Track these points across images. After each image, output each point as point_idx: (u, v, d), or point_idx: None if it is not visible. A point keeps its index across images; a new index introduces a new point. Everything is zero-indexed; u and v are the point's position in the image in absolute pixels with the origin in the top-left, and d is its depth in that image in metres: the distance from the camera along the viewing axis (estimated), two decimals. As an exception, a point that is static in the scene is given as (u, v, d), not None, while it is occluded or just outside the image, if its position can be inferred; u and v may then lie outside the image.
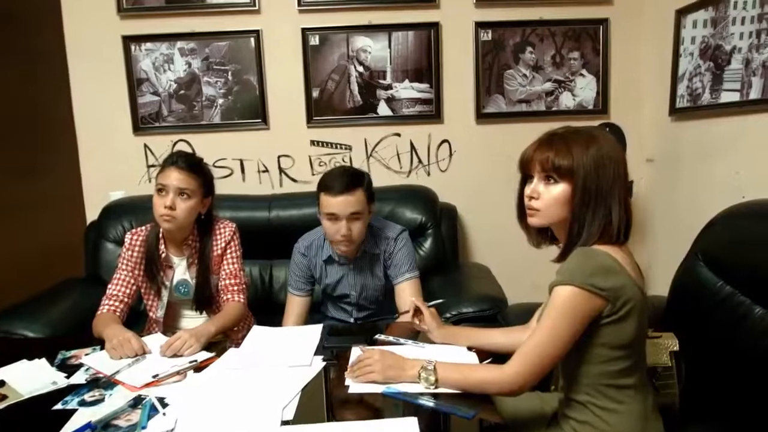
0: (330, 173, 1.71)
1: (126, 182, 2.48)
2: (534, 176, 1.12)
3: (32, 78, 2.60)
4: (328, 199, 1.62)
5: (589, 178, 1.05)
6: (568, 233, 1.10)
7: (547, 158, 1.08)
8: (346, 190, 1.61)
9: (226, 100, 2.45)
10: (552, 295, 1.05)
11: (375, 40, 2.43)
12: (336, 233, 1.64)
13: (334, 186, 1.62)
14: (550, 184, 1.09)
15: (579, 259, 1.04)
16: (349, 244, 1.67)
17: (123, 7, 2.37)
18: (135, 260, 1.62)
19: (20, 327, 1.81)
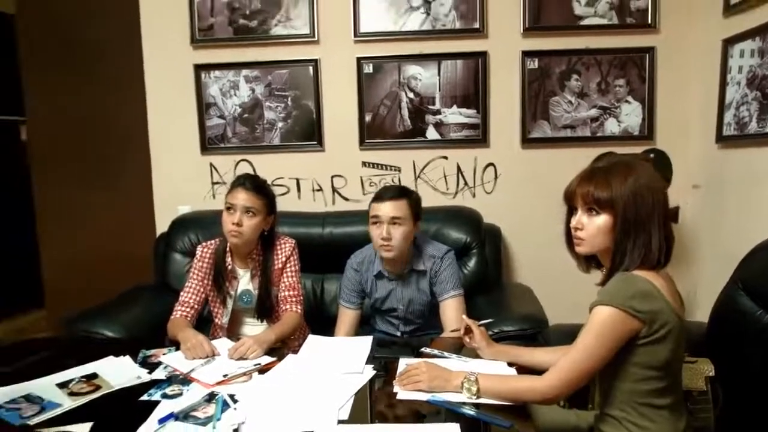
0: (383, 187, 1.92)
1: (192, 198, 2.69)
2: (578, 208, 1.21)
3: (113, 100, 2.88)
4: (374, 205, 1.82)
5: (628, 208, 1.14)
6: (611, 260, 1.18)
7: (587, 192, 1.17)
8: (391, 198, 1.79)
9: (286, 123, 2.63)
10: (591, 314, 1.14)
11: (425, 68, 2.56)
12: (378, 237, 1.79)
13: (382, 195, 1.82)
14: (593, 216, 1.18)
15: (619, 283, 1.13)
16: (389, 249, 1.79)
17: (196, 38, 2.60)
18: (205, 271, 1.80)
19: (101, 327, 2.01)
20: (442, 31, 2.53)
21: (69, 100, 2.97)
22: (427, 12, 2.52)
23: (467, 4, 2.51)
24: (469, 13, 2.51)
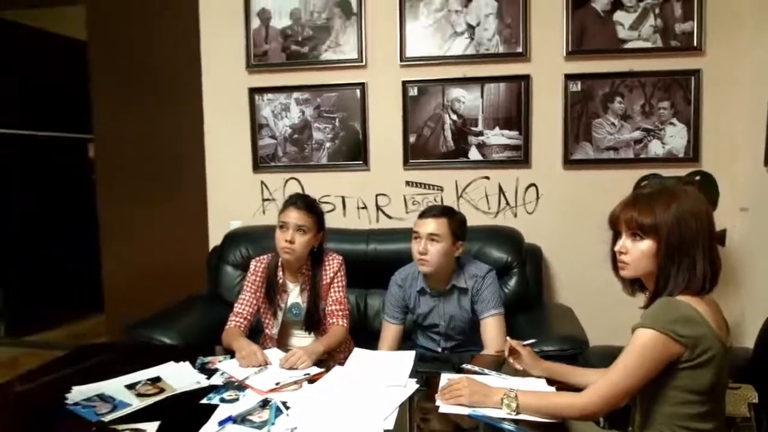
0: (430, 206, 2.01)
1: (244, 213, 2.84)
2: (622, 233, 1.25)
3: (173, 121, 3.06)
4: (417, 221, 1.91)
5: (671, 234, 1.17)
6: (655, 284, 1.21)
7: (631, 217, 1.22)
8: (432, 216, 1.87)
9: (333, 143, 2.75)
10: (633, 336, 1.17)
11: (469, 91, 2.64)
12: (416, 251, 1.87)
13: (426, 212, 1.91)
14: (637, 240, 1.22)
15: (662, 307, 1.15)
16: (424, 263, 1.86)
17: (251, 63, 2.76)
18: (257, 284, 1.91)
19: (159, 334, 2.15)
20: (485, 55, 2.61)
21: (132, 119, 3.18)
22: (471, 37, 2.61)
23: (511, 30, 2.58)
24: (513, 37, 2.58)
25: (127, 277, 3.33)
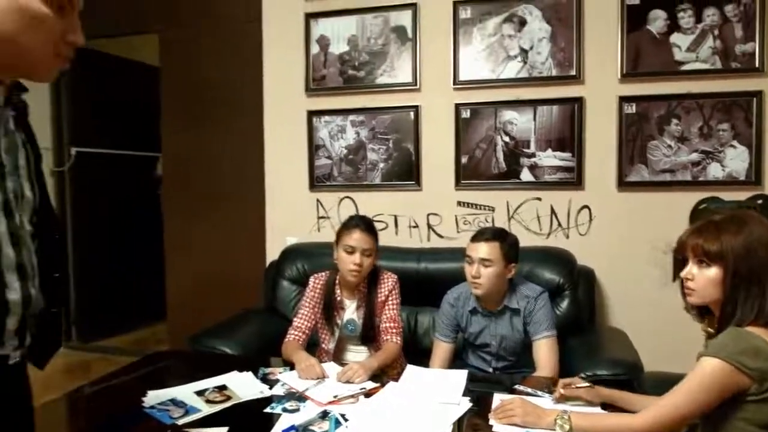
0: (482, 228, 2.04)
1: (300, 230, 2.96)
2: (689, 259, 1.26)
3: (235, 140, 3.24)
4: (470, 244, 1.94)
5: (739, 262, 1.17)
6: (721, 312, 1.21)
7: (697, 244, 1.23)
8: (486, 240, 1.89)
9: (387, 164, 2.84)
10: (698, 363, 1.17)
11: (521, 113, 2.67)
12: (469, 274, 1.91)
13: (479, 236, 1.93)
14: (703, 267, 1.23)
15: (731, 337, 1.15)
16: (477, 286, 1.90)
17: (310, 87, 2.90)
18: (316, 300, 2.01)
19: (220, 344, 2.26)
20: (538, 78, 2.64)
21: (197, 139, 3.38)
22: (524, 61, 2.65)
23: (564, 53, 2.60)
24: (566, 61, 2.61)
25: (188, 287, 3.51)
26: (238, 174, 3.27)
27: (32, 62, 0.89)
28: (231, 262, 3.34)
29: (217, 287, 3.40)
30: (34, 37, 0.86)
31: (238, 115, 3.23)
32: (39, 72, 0.91)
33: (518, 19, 2.65)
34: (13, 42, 0.84)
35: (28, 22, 0.84)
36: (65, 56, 0.91)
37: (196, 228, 3.44)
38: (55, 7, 0.86)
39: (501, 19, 2.66)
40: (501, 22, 2.66)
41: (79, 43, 0.91)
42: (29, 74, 0.91)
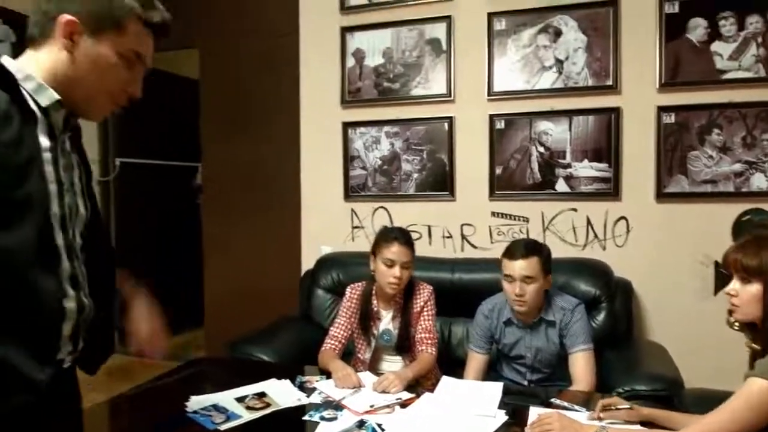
0: (514, 242, 1.99)
1: (334, 239, 3.00)
2: (733, 275, 1.25)
3: (272, 150, 3.31)
4: (507, 262, 1.91)
5: None
6: (764, 329, 1.20)
7: (737, 259, 1.22)
8: (523, 256, 1.87)
9: (420, 174, 2.86)
10: (745, 383, 1.15)
11: (556, 123, 2.66)
12: (511, 293, 1.89)
13: (514, 252, 1.90)
14: (745, 283, 1.21)
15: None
16: (522, 304, 1.89)
17: (345, 99, 2.95)
18: (352, 310, 2.04)
19: (257, 351, 2.31)
20: (574, 88, 2.62)
21: (235, 149, 3.47)
22: (559, 71, 2.64)
23: (600, 63, 2.58)
24: (602, 71, 2.58)
25: (225, 294, 3.60)
26: (275, 184, 3.35)
27: (91, 103, 1.01)
28: (267, 270, 3.41)
29: (253, 294, 3.47)
30: (101, 83, 0.98)
31: (275, 126, 3.30)
32: (94, 113, 1.03)
33: (553, 29, 2.64)
34: (82, 83, 0.96)
35: (102, 71, 0.95)
36: (118, 104, 1.02)
37: (233, 236, 3.53)
38: (125, 61, 0.96)
39: (536, 30, 2.66)
40: (536, 33, 2.66)
41: (136, 95, 1.03)
42: (85, 113, 1.01)
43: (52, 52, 0.94)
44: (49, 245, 0.91)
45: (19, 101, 0.88)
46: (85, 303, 1.00)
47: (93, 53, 0.94)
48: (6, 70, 0.89)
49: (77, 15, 0.92)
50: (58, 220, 0.93)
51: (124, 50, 0.96)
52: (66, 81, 0.94)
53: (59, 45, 0.93)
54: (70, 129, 1.00)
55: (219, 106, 3.52)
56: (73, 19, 0.92)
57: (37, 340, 0.90)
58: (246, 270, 3.51)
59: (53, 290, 0.92)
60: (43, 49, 0.94)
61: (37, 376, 0.89)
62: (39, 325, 0.90)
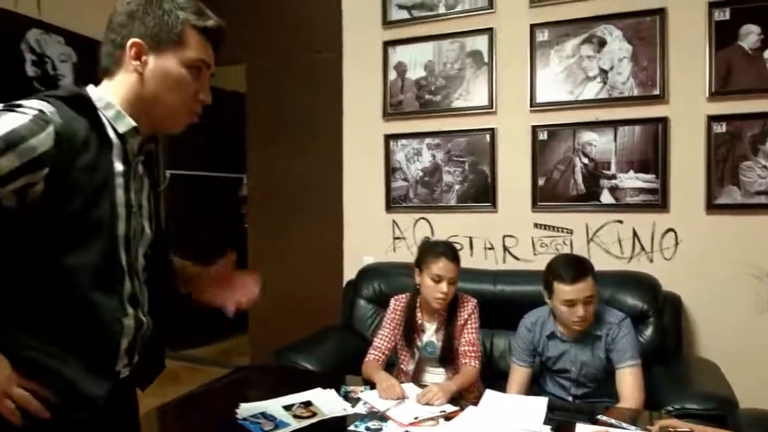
0: (560, 264, 1.92)
1: (376, 250, 3.04)
2: None
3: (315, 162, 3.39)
4: (564, 287, 1.84)
5: None
6: None
7: None
8: (581, 278, 1.83)
9: (462, 186, 2.87)
10: None
11: (601, 134, 2.62)
12: (573, 315, 1.84)
13: (570, 275, 1.84)
14: None
15: None
16: (584, 324, 1.86)
17: (387, 112, 3.00)
18: (396, 321, 2.06)
19: (302, 359, 2.37)
20: (619, 98, 2.59)
21: (280, 160, 3.56)
22: (604, 81, 2.61)
23: (647, 72, 2.54)
24: (649, 80, 2.54)
25: (269, 302, 3.65)
26: (318, 194, 3.41)
27: (169, 117, 1.05)
28: (310, 279, 3.48)
29: (296, 303, 3.54)
30: (173, 96, 1.02)
31: (319, 139, 3.38)
32: (172, 125, 1.08)
33: (597, 39, 2.62)
34: (156, 100, 1.01)
35: (171, 85, 1.00)
36: (195, 112, 1.06)
37: (277, 245, 3.61)
38: (192, 71, 1.01)
39: (579, 40, 2.64)
40: (579, 44, 2.64)
41: (207, 101, 1.08)
42: (165, 127, 1.07)
43: (125, 78, 1.00)
44: (112, 265, 0.96)
45: (98, 128, 0.94)
46: (143, 321, 1.05)
47: (161, 70, 1.00)
48: (87, 97, 0.96)
49: (141, 37, 0.98)
50: (123, 241, 0.98)
51: (188, 61, 1.01)
52: (142, 102, 1.00)
53: (130, 69, 0.99)
54: (144, 153, 1.06)
55: (264, 119, 3.62)
56: (138, 41, 0.98)
57: (96, 355, 0.95)
58: (289, 278, 3.59)
59: (114, 308, 0.96)
60: (117, 77, 1.01)
61: (95, 392, 0.93)
62: (98, 342, 0.95)
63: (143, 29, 0.98)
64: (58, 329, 0.90)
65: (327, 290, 3.27)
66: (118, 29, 0.99)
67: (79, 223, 0.89)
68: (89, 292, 0.91)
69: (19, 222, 0.85)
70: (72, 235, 0.89)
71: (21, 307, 0.87)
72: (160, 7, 0.99)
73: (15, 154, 0.79)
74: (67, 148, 0.86)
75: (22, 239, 0.86)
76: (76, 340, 0.92)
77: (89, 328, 0.93)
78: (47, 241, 0.87)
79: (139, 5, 0.99)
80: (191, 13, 1.01)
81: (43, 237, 0.87)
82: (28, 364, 0.86)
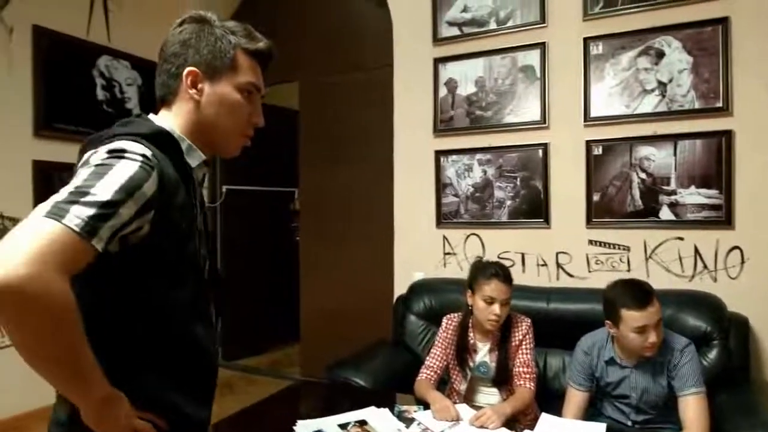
0: (623, 290, 1.84)
1: (426, 265, 3.04)
2: None
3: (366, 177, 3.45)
4: (634, 314, 1.76)
5: None
6: None
7: None
8: (649, 302, 1.77)
9: (514, 201, 2.85)
10: None
11: (659, 148, 2.55)
12: (645, 341, 1.77)
13: (638, 301, 1.77)
14: None
15: None
16: (655, 349, 1.80)
17: (438, 128, 3.01)
18: (448, 341, 2.06)
19: (353, 375, 2.39)
20: (679, 111, 2.50)
21: (331, 175, 3.64)
22: (662, 94, 2.53)
23: (708, 84, 2.45)
24: (711, 92, 2.45)
25: (320, 313, 3.75)
26: (368, 209, 3.46)
27: (225, 142, 1.06)
28: (360, 292, 3.52)
29: (346, 315, 3.59)
30: (229, 121, 1.04)
31: (369, 154, 3.43)
32: (228, 150, 1.09)
33: (655, 51, 2.55)
34: (214, 126, 1.03)
35: (227, 110, 1.02)
36: (249, 135, 1.09)
37: (328, 258, 3.68)
38: (244, 94, 1.03)
39: (636, 52, 2.58)
40: (636, 56, 2.58)
41: (260, 124, 1.08)
42: (221, 151, 1.08)
43: (182, 106, 1.01)
44: (202, 295, 1.00)
45: (180, 164, 0.95)
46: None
47: (216, 96, 1.00)
48: (169, 134, 0.96)
49: (196, 65, 0.99)
50: (202, 270, 1.02)
51: (241, 85, 1.02)
52: (200, 129, 1.01)
53: (186, 97, 1.00)
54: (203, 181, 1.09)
55: (316, 135, 3.71)
56: (194, 70, 0.98)
57: (200, 382, 1.00)
58: (339, 291, 3.65)
59: (209, 336, 1.01)
60: (174, 106, 1.01)
61: (202, 416, 0.99)
62: (202, 370, 1.00)
63: (198, 57, 0.99)
64: (167, 362, 0.93)
65: (377, 304, 3.30)
66: (172, 59, 1.00)
67: (178, 260, 0.92)
68: (191, 324, 0.96)
69: (121, 265, 0.86)
70: (173, 273, 0.92)
71: (130, 346, 0.90)
72: (212, 33, 1.00)
73: (133, 201, 0.80)
74: (166, 189, 0.87)
75: (125, 282, 0.88)
76: (183, 370, 0.96)
77: (194, 359, 0.97)
78: (151, 281, 0.90)
79: (192, 33, 1.00)
80: (241, 36, 1.02)
81: (146, 277, 0.89)
82: (143, 397, 0.89)
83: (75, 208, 0.74)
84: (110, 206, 0.77)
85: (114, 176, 0.80)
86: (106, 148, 0.86)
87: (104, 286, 0.86)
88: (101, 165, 0.82)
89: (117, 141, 0.88)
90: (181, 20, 1.02)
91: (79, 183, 0.78)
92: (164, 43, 1.02)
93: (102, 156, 0.84)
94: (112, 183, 0.79)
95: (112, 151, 0.85)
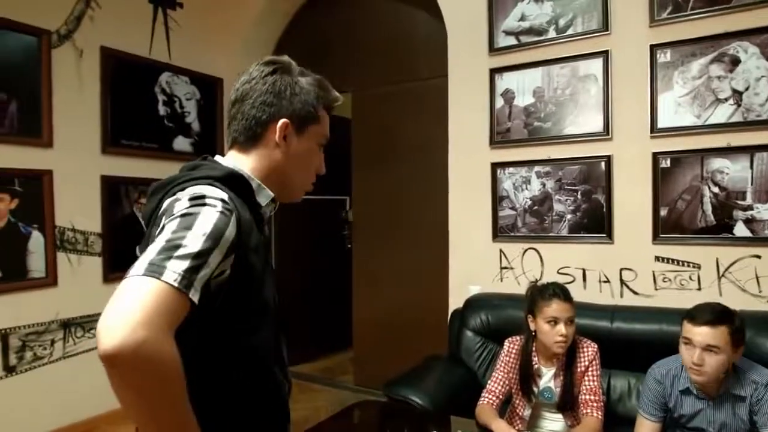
0: (701, 305, 1.81)
1: (482, 279, 2.99)
2: None
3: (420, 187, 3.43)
4: (688, 326, 1.74)
5: None
6: None
7: None
8: (709, 323, 1.69)
9: (574, 215, 2.75)
10: None
11: (734, 161, 2.40)
12: (689, 359, 1.72)
13: (699, 317, 1.72)
14: None
15: None
16: (700, 374, 1.71)
17: (494, 140, 2.95)
18: (511, 365, 2.02)
19: (411, 393, 2.36)
20: (756, 122, 2.35)
21: (384, 185, 3.64)
22: (737, 103, 2.39)
23: (790, 92, 2.30)
24: (792, 101, 2.29)
25: (372, 323, 3.76)
26: (422, 220, 3.44)
27: (295, 190, 1.08)
28: (413, 302, 3.51)
29: (399, 325, 3.59)
30: (303, 171, 1.06)
31: (423, 165, 3.41)
32: (295, 195, 1.10)
33: (729, 58, 2.40)
34: (290, 176, 1.04)
35: (306, 162, 1.05)
36: (313, 183, 1.10)
37: (381, 267, 3.69)
38: (320, 146, 1.06)
39: (708, 60, 2.44)
40: (708, 63, 2.44)
41: (322, 172, 1.11)
42: (287, 197, 1.09)
43: (264, 153, 1.01)
44: (279, 337, 1.00)
45: (252, 206, 0.96)
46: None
47: (302, 148, 1.02)
48: (242, 176, 0.96)
49: (289, 117, 1.00)
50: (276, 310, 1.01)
51: (321, 138, 1.05)
52: (279, 177, 1.02)
53: (272, 146, 1.00)
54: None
55: (369, 144, 3.72)
56: (287, 122, 0.99)
57: (278, 422, 1.00)
58: (392, 301, 3.65)
59: (285, 378, 1.01)
60: (253, 152, 1.01)
61: None
62: (280, 411, 1.00)
63: (291, 109, 1.00)
64: (253, 406, 0.93)
65: (431, 315, 3.28)
66: (262, 107, 0.99)
67: (259, 303, 0.92)
68: (269, 366, 0.96)
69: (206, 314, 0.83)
70: (253, 316, 0.91)
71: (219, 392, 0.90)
72: (301, 86, 1.01)
73: (219, 249, 0.80)
74: (243, 231, 0.87)
75: (213, 330, 0.87)
76: (267, 413, 0.96)
77: (275, 401, 0.98)
78: (237, 325, 0.89)
79: (286, 85, 1.00)
80: (320, 89, 1.03)
81: (232, 322, 0.88)
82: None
83: (171, 263, 0.74)
84: (201, 257, 0.77)
85: (201, 225, 0.80)
86: (187, 195, 0.85)
87: (194, 338, 0.85)
88: (186, 215, 0.81)
89: (194, 186, 0.88)
90: (273, 69, 1.02)
91: (169, 236, 0.78)
92: (250, 89, 1.01)
93: (185, 204, 0.84)
94: (200, 233, 0.79)
95: (193, 198, 0.84)
